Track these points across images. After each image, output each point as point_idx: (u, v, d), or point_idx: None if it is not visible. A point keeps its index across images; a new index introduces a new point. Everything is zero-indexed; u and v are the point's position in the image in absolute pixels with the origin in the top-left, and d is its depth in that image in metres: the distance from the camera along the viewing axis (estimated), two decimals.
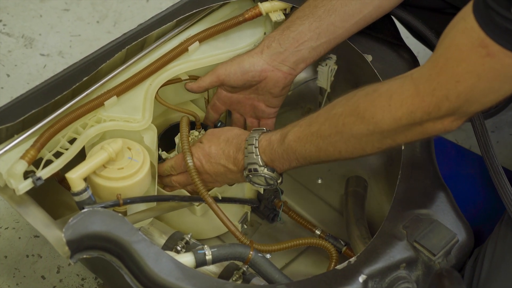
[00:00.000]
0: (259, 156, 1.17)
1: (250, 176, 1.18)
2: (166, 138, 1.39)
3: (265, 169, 1.17)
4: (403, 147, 1.24)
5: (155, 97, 1.29)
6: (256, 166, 1.17)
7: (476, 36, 0.93)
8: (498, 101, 0.98)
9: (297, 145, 1.14)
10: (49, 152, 1.15)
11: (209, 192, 1.25)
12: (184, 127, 1.28)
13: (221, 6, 1.38)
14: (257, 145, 1.17)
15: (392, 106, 1.02)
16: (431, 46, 1.36)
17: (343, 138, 1.08)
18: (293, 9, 1.35)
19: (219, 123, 1.37)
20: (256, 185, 1.21)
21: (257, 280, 1.20)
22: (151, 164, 1.24)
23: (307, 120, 1.13)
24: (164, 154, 1.34)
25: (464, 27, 0.95)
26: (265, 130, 1.20)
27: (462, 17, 0.96)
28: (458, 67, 0.96)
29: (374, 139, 1.06)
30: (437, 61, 0.98)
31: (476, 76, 0.95)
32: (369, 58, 1.33)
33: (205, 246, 1.16)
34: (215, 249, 1.16)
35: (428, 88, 0.98)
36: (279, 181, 1.20)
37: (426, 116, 1.00)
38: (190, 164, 1.23)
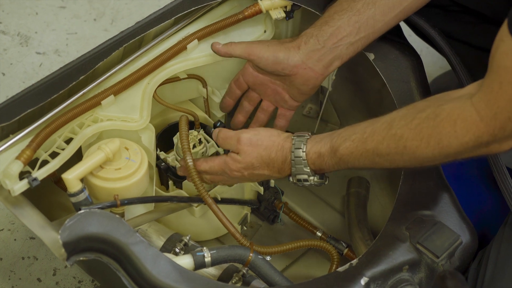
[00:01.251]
0: (308, 168, 1.17)
1: (299, 184, 1.19)
2: (165, 138, 1.39)
3: (315, 178, 1.18)
4: None
5: (153, 96, 1.29)
6: (306, 177, 1.18)
7: None
8: None
9: (349, 159, 1.14)
10: (45, 152, 1.15)
11: (209, 193, 1.24)
12: (183, 126, 1.28)
13: (220, 3, 1.37)
14: (305, 158, 1.17)
15: (458, 133, 1.03)
16: (434, 44, 1.36)
17: (403, 158, 1.09)
18: (293, 6, 1.35)
19: (219, 123, 1.37)
20: (300, 185, 1.21)
21: (257, 283, 1.20)
22: (149, 165, 1.24)
23: (358, 136, 1.12)
24: (162, 155, 1.34)
25: (507, 48, 0.97)
26: (308, 136, 1.18)
27: (500, 39, 0.98)
28: None
29: (437, 160, 1.08)
30: (492, 86, 1.00)
31: None
32: (371, 56, 1.33)
33: (204, 248, 1.16)
34: (214, 251, 1.15)
35: (490, 113, 1.00)
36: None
37: (492, 138, 1.01)
38: (190, 164, 1.23)
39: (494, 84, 1.00)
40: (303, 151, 1.16)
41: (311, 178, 1.18)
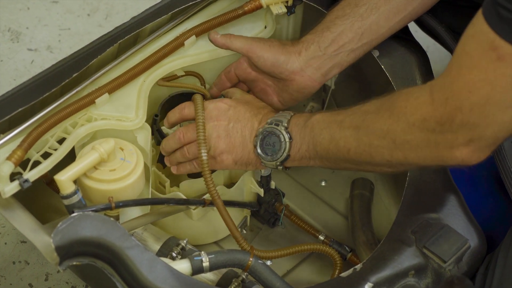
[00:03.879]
0: (286, 119, 1.20)
1: (267, 131, 1.20)
2: (168, 110, 1.36)
3: (284, 130, 1.19)
4: None
5: (158, 82, 1.28)
6: (279, 123, 1.20)
7: (486, 39, 0.92)
8: None
9: (316, 127, 1.16)
10: (37, 152, 1.15)
11: (204, 197, 1.24)
12: (199, 105, 1.22)
13: None
14: (289, 117, 1.21)
15: (407, 109, 1.03)
16: (441, 40, 1.36)
17: (358, 134, 1.10)
18: (295, 1, 1.35)
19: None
20: (263, 158, 1.22)
21: None
22: (145, 166, 1.24)
23: (339, 110, 1.16)
24: (165, 129, 1.32)
25: (474, 30, 0.95)
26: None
27: (472, 22, 0.96)
28: (470, 74, 0.95)
29: (385, 146, 1.07)
30: (450, 70, 0.98)
31: (489, 85, 0.93)
32: (376, 53, 1.33)
33: (202, 252, 1.16)
34: (213, 255, 1.16)
35: (442, 97, 0.98)
36: (286, 151, 1.19)
37: (439, 127, 0.99)
38: (205, 157, 1.21)
39: (453, 67, 0.98)
40: (290, 114, 1.22)
41: (281, 127, 1.19)
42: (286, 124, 1.20)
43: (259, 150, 1.22)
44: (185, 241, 1.26)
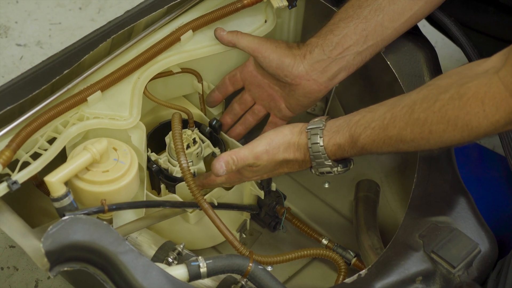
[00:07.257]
0: (330, 161, 1.19)
1: (322, 176, 1.22)
2: (156, 138, 1.39)
3: (338, 168, 1.20)
4: None
5: (144, 92, 1.29)
6: (329, 169, 1.20)
7: None
8: None
9: (372, 147, 1.15)
10: (26, 153, 1.15)
11: (205, 197, 1.25)
12: (176, 124, 1.28)
13: None
14: (324, 152, 1.19)
15: (487, 112, 1.03)
16: (450, 35, 1.36)
17: (429, 142, 1.10)
18: None
19: (214, 121, 1.37)
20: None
21: None
22: (140, 167, 1.24)
23: (378, 123, 1.14)
24: (153, 156, 1.34)
25: None
26: (322, 126, 1.19)
27: None
28: None
29: (466, 141, 1.08)
30: None
31: None
32: (381, 49, 1.33)
33: (200, 257, 1.16)
34: (211, 260, 1.16)
35: None
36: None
37: None
38: (185, 165, 1.24)
39: None
40: (320, 146, 1.18)
41: (335, 169, 1.20)
42: (334, 165, 1.20)
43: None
44: (181, 246, 1.26)
